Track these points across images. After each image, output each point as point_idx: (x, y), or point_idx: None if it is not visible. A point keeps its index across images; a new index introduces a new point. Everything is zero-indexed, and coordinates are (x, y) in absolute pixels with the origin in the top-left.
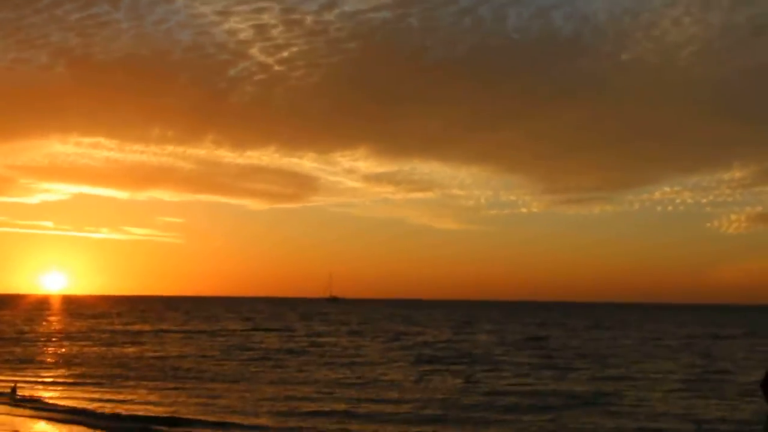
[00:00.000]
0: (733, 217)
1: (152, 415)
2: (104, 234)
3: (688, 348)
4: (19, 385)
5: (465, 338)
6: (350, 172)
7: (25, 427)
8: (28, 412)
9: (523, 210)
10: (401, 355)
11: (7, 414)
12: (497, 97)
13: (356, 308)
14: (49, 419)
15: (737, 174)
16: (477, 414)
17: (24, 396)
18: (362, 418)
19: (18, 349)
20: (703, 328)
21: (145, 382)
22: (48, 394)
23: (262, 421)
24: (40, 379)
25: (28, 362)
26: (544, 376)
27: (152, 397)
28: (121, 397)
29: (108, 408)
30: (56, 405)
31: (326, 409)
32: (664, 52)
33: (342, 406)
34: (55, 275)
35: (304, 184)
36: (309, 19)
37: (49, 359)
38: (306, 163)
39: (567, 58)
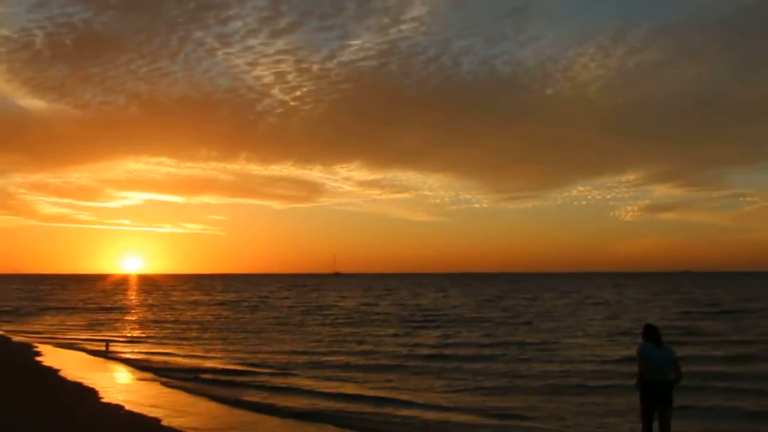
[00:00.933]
0: (628, 208)
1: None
2: (167, 229)
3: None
4: (111, 342)
5: (436, 300)
6: (347, 179)
7: (117, 374)
8: (118, 364)
9: (477, 206)
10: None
11: (103, 363)
12: (456, 123)
13: (354, 280)
14: (133, 368)
15: (631, 176)
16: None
17: (115, 351)
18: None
19: (109, 315)
20: (616, 290)
21: (211, 340)
22: (134, 350)
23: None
24: (127, 338)
25: (117, 325)
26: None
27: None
28: (185, 352)
29: (180, 361)
30: (141, 360)
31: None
32: (576, 88)
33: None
34: (132, 260)
35: (313, 189)
36: (315, 67)
37: (133, 322)
38: (314, 173)
39: (506, 93)
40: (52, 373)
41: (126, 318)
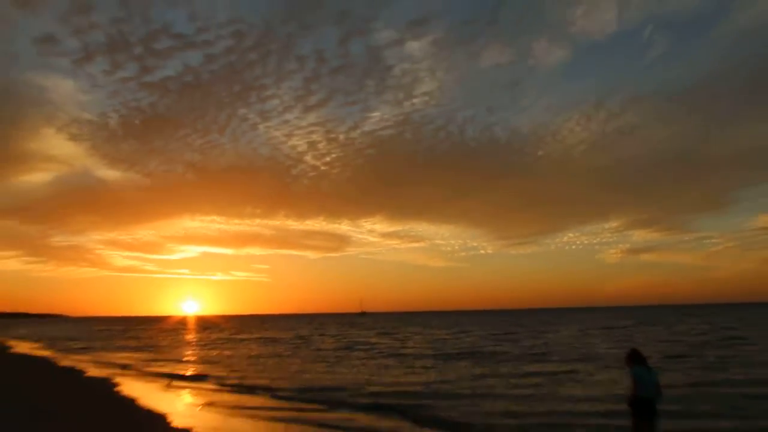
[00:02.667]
0: (612, 251)
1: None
2: (219, 276)
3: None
4: (176, 374)
5: (455, 336)
6: (371, 231)
7: (184, 403)
8: (184, 393)
9: (482, 252)
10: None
11: (171, 393)
12: (463, 181)
13: (378, 318)
14: (197, 397)
15: (613, 224)
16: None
17: (181, 382)
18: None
19: (174, 351)
20: (601, 323)
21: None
22: (193, 379)
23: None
24: (192, 371)
25: (183, 358)
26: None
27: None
28: (246, 381)
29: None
30: (204, 389)
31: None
32: (565, 149)
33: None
34: (190, 303)
35: (342, 241)
36: (341, 136)
37: (191, 356)
38: (343, 227)
39: (505, 155)
40: (128, 401)
41: (189, 353)
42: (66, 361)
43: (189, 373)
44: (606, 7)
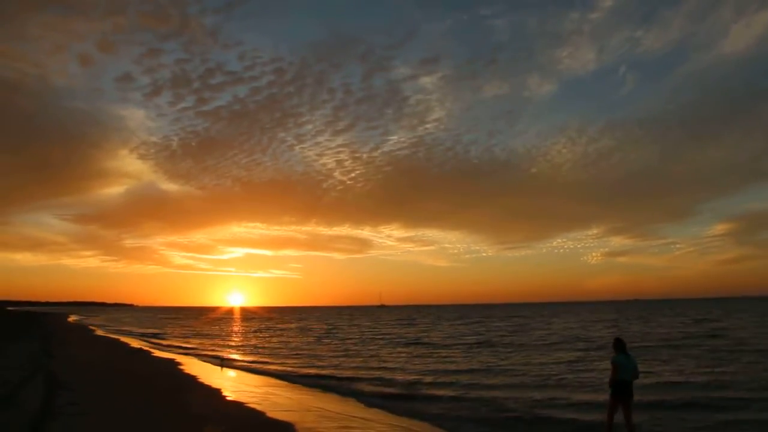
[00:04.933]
0: (594, 254)
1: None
2: (261, 274)
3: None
4: (227, 356)
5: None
6: (389, 236)
7: (229, 377)
8: (232, 371)
9: (483, 254)
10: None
11: (224, 372)
12: (467, 194)
13: (395, 310)
14: (244, 371)
15: (594, 231)
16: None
17: (232, 362)
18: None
19: (222, 336)
20: (594, 316)
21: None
22: (241, 361)
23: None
24: (236, 353)
25: (228, 342)
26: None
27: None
28: (286, 364)
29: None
30: (248, 367)
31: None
32: (554, 167)
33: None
34: (236, 296)
35: (365, 244)
36: (365, 156)
37: (239, 341)
38: (365, 232)
39: (503, 172)
40: (190, 378)
41: (237, 339)
42: (136, 343)
43: (238, 355)
44: (587, 49)
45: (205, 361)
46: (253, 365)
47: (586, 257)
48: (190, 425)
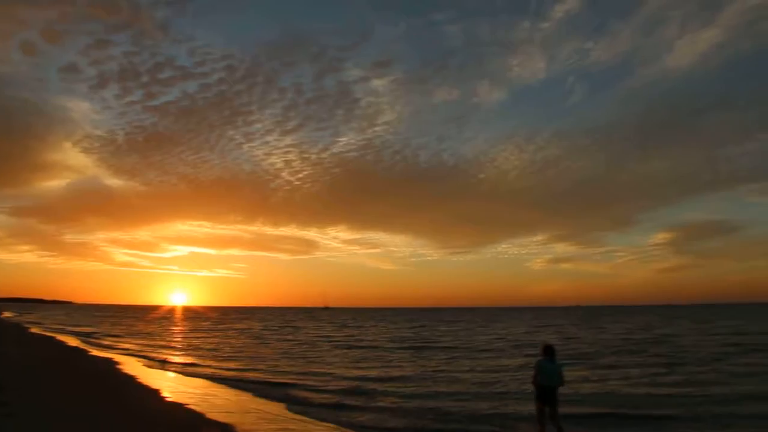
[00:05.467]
0: (538, 260)
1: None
2: (205, 273)
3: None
4: (167, 356)
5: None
6: (335, 238)
7: (168, 377)
8: (172, 372)
9: (429, 258)
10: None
11: (163, 372)
12: (415, 198)
13: (340, 311)
14: (183, 372)
15: (539, 237)
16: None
17: (171, 363)
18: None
19: (163, 335)
20: (529, 322)
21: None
22: (181, 362)
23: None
24: (176, 353)
25: (168, 342)
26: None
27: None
28: (223, 365)
29: (216, 370)
30: (187, 369)
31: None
32: (500, 174)
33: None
34: (179, 295)
35: (310, 245)
36: (313, 156)
37: (179, 341)
38: (311, 233)
39: (451, 177)
40: (129, 378)
41: (178, 339)
42: (73, 341)
43: (178, 356)
44: (537, 59)
45: (144, 361)
46: (194, 366)
47: (531, 263)
48: (128, 426)
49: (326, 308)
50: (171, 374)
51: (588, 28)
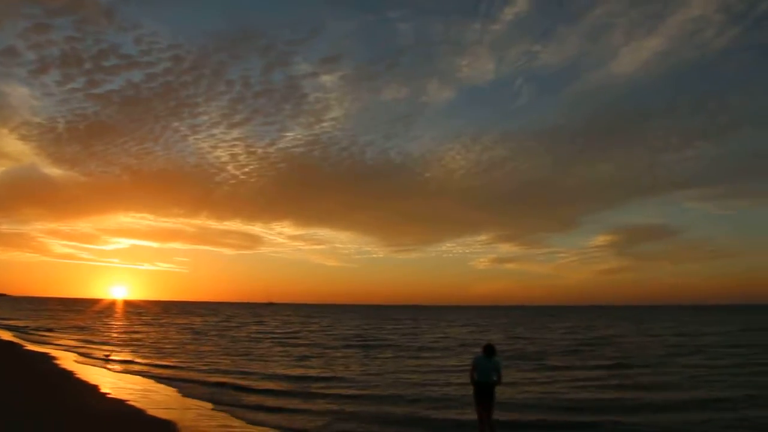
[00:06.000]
0: (482, 260)
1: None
2: (146, 266)
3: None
4: (103, 351)
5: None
6: (280, 233)
7: (107, 373)
8: (111, 367)
9: (374, 256)
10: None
11: (103, 367)
12: (361, 195)
13: (284, 308)
14: (123, 368)
15: (484, 237)
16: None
17: (113, 359)
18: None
19: (102, 330)
20: (470, 320)
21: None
22: (120, 358)
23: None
24: (116, 348)
25: (108, 337)
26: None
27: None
28: (161, 362)
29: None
30: (127, 366)
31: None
32: (447, 173)
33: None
34: (120, 288)
35: (255, 240)
36: (260, 150)
37: (119, 336)
38: (256, 228)
39: (398, 174)
40: (67, 373)
41: (118, 334)
42: (6, 335)
43: (117, 352)
44: (486, 60)
45: (82, 356)
46: (133, 362)
47: (475, 262)
48: (68, 423)
49: (270, 304)
50: (110, 370)
51: (536, 31)
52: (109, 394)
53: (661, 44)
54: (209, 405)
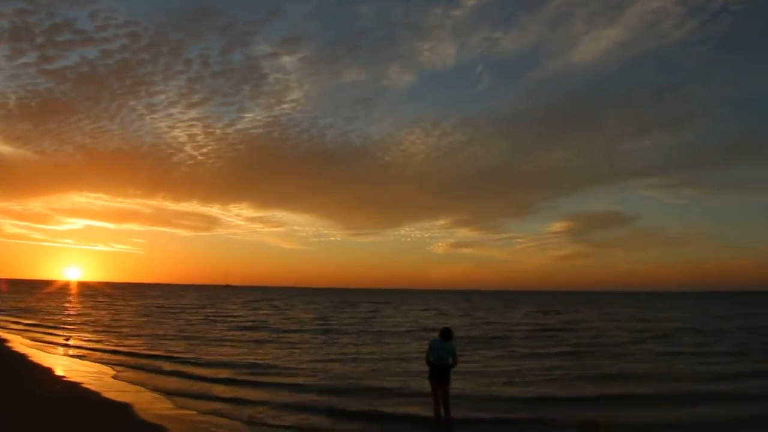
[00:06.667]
0: (440, 244)
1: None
2: (101, 247)
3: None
4: (58, 334)
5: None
6: (238, 215)
7: (62, 356)
8: (66, 350)
9: (332, 239)
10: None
11: (64, 354)
12: (320, 177)
13: (241, 290)
14: (78, 350)
15: (442, 222)
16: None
17: (74, 344)
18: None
19: (55, 312)
20: (429, 304)
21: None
22: (76, 339)
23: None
24: (70, 330)
25: (62, 319)
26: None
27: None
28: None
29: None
30: (82, 347)
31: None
32: (406, 157)
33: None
34: (73, 270)
35: (213, 222)
36: (218, 131)
37: (73, 318)
38: (214, 210)
39: (358, 158)
40: (19, 356)
41: (71, 316)
42: None
43: (72, 334)
44: (447, 45)
45: (35, 339)
46: (88, 344)
47: (433, 247)
48: (24, 406)
49: (227, 286)
50: (63, 353)
51: (498, 17)
52: (64, 377)
53: (620, 34)
54: (162, 391)
